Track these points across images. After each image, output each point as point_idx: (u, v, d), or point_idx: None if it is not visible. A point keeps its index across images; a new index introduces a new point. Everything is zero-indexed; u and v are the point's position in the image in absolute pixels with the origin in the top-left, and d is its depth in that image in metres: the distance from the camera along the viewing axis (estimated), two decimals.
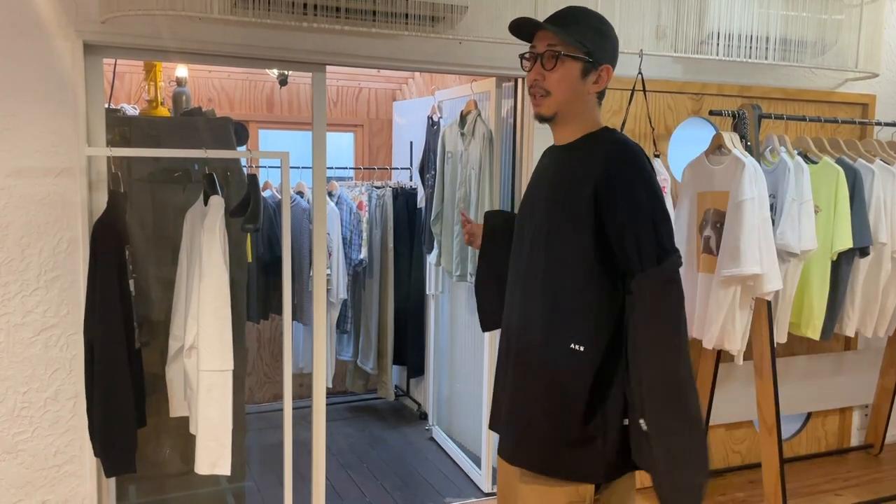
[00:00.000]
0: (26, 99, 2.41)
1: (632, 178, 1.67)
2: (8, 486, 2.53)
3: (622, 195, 1.66)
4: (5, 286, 2.45)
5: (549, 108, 1.75)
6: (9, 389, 2.49)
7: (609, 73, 1.75)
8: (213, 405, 2.35)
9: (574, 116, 1.76)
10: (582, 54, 1.70)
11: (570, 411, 1.71)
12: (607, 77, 1.75)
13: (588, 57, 1.71)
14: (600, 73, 1.74)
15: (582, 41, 1.70)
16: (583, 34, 1.71)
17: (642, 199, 1.66)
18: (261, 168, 4.43)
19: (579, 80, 1.72)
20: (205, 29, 2.57)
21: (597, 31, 1.74)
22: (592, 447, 1.71)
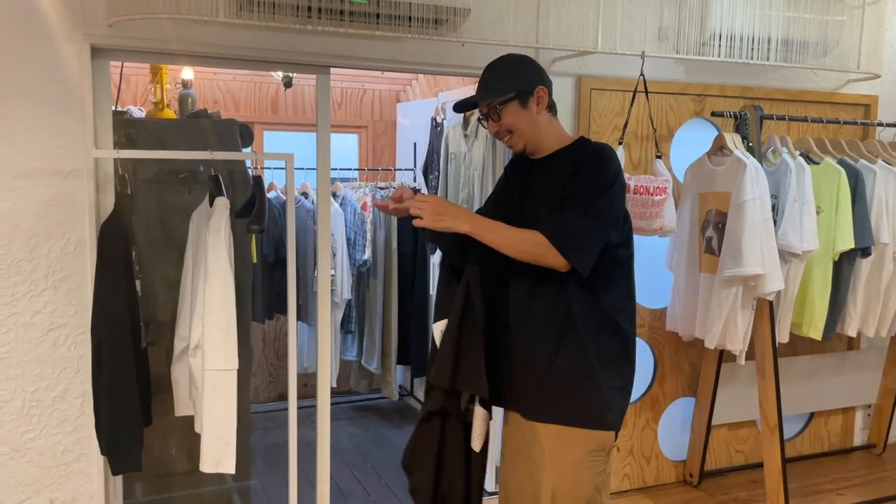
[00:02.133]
0: (34, 101, 2.44)
1: (594, 169, 1.93)
2: (16, 484, 2.56)
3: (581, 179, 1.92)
4: (14, 286, 2.48)
5: (519, 142, 2.04)
6: (17, 388, 2.52)
7: (544, 90, 2.02)
8: (218, 404, 2.37)
9: (540, 137, 2.04)
10: (511, 95, 1.99)
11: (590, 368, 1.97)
12: (545, 94, 2.02)
13: (517, 93, 1.99)
14: (538, 96, 2.01)
15: (504, 88, 2.00)
16: (502, 83, 2.01)
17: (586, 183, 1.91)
18: (266, 169, 4.46)
19: (524, 112, 2.01)
20: (210, 32, 2.60)
21: (513, 72, 2.04)
22: (612, 399, 1.99)
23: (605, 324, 1.98)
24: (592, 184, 1.90)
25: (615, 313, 1.99)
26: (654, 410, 3.54)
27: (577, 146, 2.04)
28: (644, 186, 2.93)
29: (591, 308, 1.96)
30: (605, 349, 1.97)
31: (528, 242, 1.88)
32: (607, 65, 3.22)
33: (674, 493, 3.52)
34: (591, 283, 1.94)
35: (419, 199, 1.89)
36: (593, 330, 1.96)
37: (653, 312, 3.47)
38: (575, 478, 1.96)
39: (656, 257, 3.41)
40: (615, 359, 2.00)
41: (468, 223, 1.88)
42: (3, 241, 2.45)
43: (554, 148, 2.04)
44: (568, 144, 2.05)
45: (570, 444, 1.96)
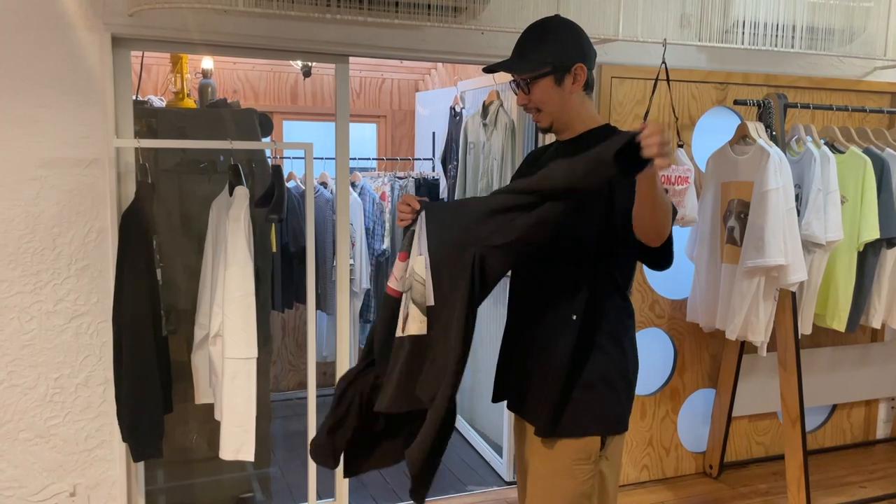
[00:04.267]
0: (56, 91, 2.46)
1: None
2: (40, 470, 2.59)
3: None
4: (37, 274, 2.51)
5: (546, 119, 1.90)
6: (41, 375, 2.56)
7: (583, 69, 1.86)
8: (237, 392, 2.39)
9: (570, 118, 1.90)
10: (547, 69, 1.84)
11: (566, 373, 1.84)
12: (583, 73, 1.86)
13: (553, 69, 1.84)
14: (575, 73, 1.85)
15: (542, 60, 1.85)
16: (539, 53, 1.86)
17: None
18: (285, 159, 4.47)
19: (557, 89, 1.85)
20: (230, 21, 2.60)
21: (552, 42, 1.87)
22: (595, 404, 1.85)
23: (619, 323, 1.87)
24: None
25: (628, 313, 1.89)
26: (674, 401, 3.51)
27: (602, 132, 1.86)
28: (665, 176, 2.90)
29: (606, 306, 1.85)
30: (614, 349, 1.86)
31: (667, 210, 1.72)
32: (628, 53, 3.18)
33: (693, 484, 3.50)
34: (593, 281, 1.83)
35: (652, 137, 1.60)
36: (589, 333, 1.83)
37: (673, 303, 3.45)
38: (557, 485, 1.87)
39: (677, 247, 3.36)
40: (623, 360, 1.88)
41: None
42: (27, 230, 2.48)
43: (580, 130, 1.90)
44: (593, 128, 1.90)
45: (552, 452, 1.86)
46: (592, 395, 1.84)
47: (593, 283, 1.83)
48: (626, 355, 1.88)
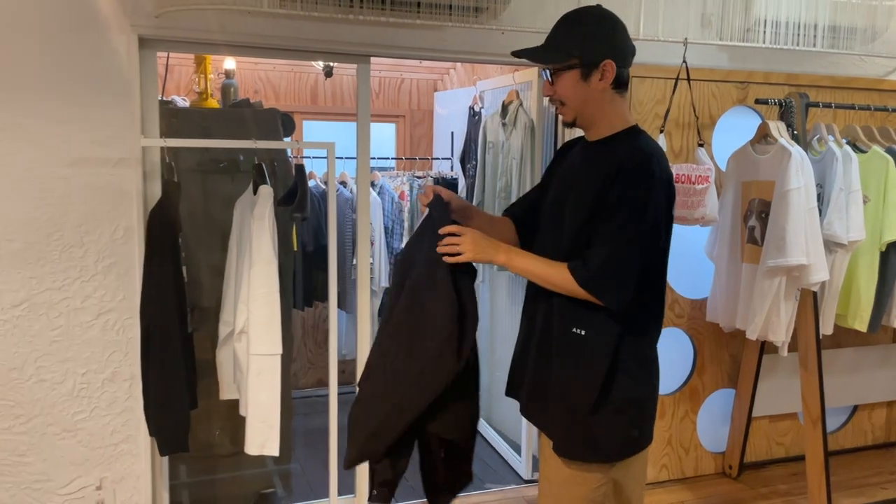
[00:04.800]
0: (85, 92, 2.51)
1: (634, 191, 1.71)
2: (68, 464, 2.64)
3: (618, 200, 1.71)
4: (65, 271, 2.55)
5: (569, 114, 1.84)
6: (69, 371, 2.60)
7: (611, 66, 1.76)
8: (262, 388, 2.42)
9: (595, 116, 1.82)
10: (573, 62, 1.77)
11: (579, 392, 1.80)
12: (612, 70, 1.76)
13: (580, 62, 1.76)
14: (603, 70, 1.76)
15: (569, 52, 1.77)
16: (567, 44, 1.78)
17: (625, 218, 1.71)
18: (305, 158, 4.51)
19: (582, 84, 1.78)
20: (254, 22, 2.64)
21: (585, 34, 1.78)
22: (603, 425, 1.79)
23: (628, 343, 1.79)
24: (629, 205, 1.70)
25: (638, 337, 1.81)
26: (693, 401, 3.51)
27: (626, 138, 1.80)
28: (686, 175, 2.90)
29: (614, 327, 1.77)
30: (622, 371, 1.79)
31: (557, 279, 1.76)
32: (649, 52, 3.18)
33: (713, 484, 3.50)
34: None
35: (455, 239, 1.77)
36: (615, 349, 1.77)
37: (693, 303, 3.44)
38: (567, 490, 1.85)
39: (697, 247, 3.37)
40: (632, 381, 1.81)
41: (504, 255, 1.81)
42: (56, 228, 2.53)
43: (607, 133, 1.82)
44: (620, 131, 1.81)
45: (564, 460, 1.85)
46: (603, 419, 1.79)
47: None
48: (638, 375, 1.81)
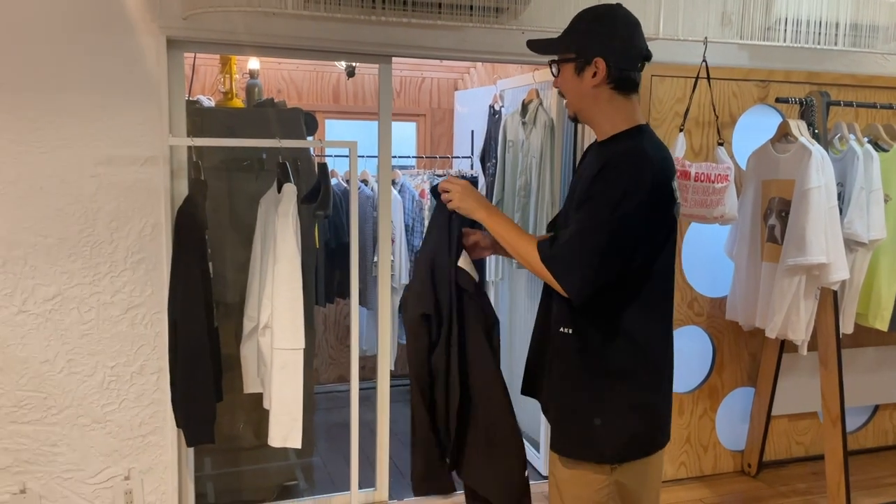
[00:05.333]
0: (115, 92, 2.57)
1: (610, 176, 1.68)
2: (97, 454, 2.71)
3: (596, 185, 1.69)
4: (96, 267, 2.63)
5: (570, 108, 1.86)
6: (98, 364, 2.68)
7: (602, 64, 1.73)
8: (286, 382, 2.48)
9: (593, 113, 1.81)
10: (570, 56, 1.78)
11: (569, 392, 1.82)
12: (602, 69, 1.73)
13: (575, 57, 1.77)
14: (595, 68, 1.74)
15: (567, 46, 1.80)
16: (569, 38, 1.81)
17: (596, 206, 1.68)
18: (326, 157, 4.56)
19: (576, 79, 1.78)
20: (278, 24, 2.69)
21: (584, 30, 1.79)
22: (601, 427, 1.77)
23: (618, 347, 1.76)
24: (605, 194, 1.66)
25: (637, 340, 1.76)
26: (713, 399, 3.52)
27: (626, 137, 1.76)
28: (705, 174, 2.91)
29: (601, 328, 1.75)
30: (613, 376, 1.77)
31: (522, 253, 1.76)
32: (669, 51, 3.20)
33: (731, 482, 3.51)
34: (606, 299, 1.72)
35: (450, 182, 1.86)
36: (601, 353, 1.76)
37: (712, 301, 3.45)
38: (571, 490, 1.84)
39: (717, 245, 3.38)
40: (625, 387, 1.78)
41: (485, 212, 1.82)
42: (87, 224, 2.60)
43: (610, 132, 1.78)
44: (623, 131, 1.77)
45: (569, 459, 1.84)
46: (600, 420, 1.77)
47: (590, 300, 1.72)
48: (638, 379, 1.78)
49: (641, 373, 1.79)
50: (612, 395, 1.78)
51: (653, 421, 1.83)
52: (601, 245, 1.65)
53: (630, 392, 1.78)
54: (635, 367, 1.78)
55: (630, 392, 1.78)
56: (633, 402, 1.79)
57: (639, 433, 1.80)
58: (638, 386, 1.79)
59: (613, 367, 1.76)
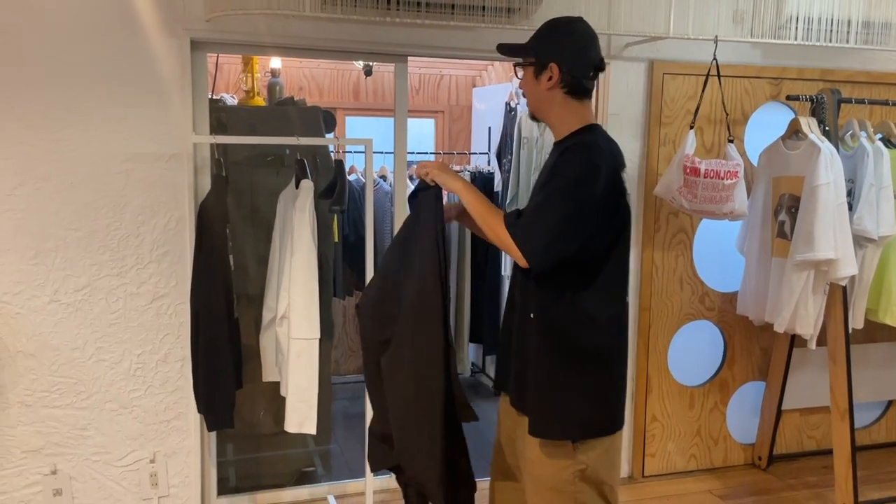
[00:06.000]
0: (141, 91, 2.69)
1: (568, 163, 1.83)
2: (124, 438, 2.84)
3: (553, 173, 1.84)
4: (123, 259, 2.75)
5: (529, 108, 2.02)
6: (126, 351, 2.80)
7: (556, 70, 1.88)
8: (301, 370, 2.57)
9: (548, 114, 1.96)
10: (529, 59, 1.94)
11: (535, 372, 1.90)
12: (556, 74, 1.88)
13: (534, 61, 1.92)
14: (551, 72, 1.89)
15: (527, 49, 1.95)
16: (530, 45, 1.96)
17: (555, 187, 1.80)
18: (346, 153, 4.66)
19: (534, 82, 1.94)
20: (298, 25, 2.79)
21: (545, 36, 1.95)
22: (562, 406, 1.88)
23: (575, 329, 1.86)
24: (563, 178, 1.80)
25: (590, 320, 1.87)
26: (723, 393, 3.56)
27: (578, 134, 1.91)
28: (714, 170, 2.96)
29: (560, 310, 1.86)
30: (572, 356, 1.87)
31: (489, 221, 1.85)
32: (681, 49, 3.24)
33: (741, 474, 3.55)
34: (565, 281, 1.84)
35: (423, 166, 1.99)
36: (560, 334, 1.86)
37: (723, 296, 3.49)
38: (540, 472, 1.93)
39: (727, 241, 3.42)
40: (583, 367, 1.88)
41: (461, 183, 1.93)
42: (115, 219, 2.72)
43: (565, 132, 1.92)
44: (576, 130, 1.91)
45: (530, 440, 1.93)
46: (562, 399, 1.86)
47: (550, 281, 1.84)
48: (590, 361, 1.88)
49: (605, 354, 1.89)
50: (580, 376, 1.88)
51: (617, 400, 1.94)
52: (559, 219, 1.77)
53: (596, 373, 1.89)
54: (599, 349, 1.88)
55: (596, 373, 1.89)
56: (598, 382, 1.90)
57: (603, 412, 1.91)
58: (602, 367, 1.89)
59: (580, 348, 1.87)
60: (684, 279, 3.42)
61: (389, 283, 2.00)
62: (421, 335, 1.91)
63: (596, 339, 1.88)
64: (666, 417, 3.48)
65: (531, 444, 1.94)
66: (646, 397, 3.42)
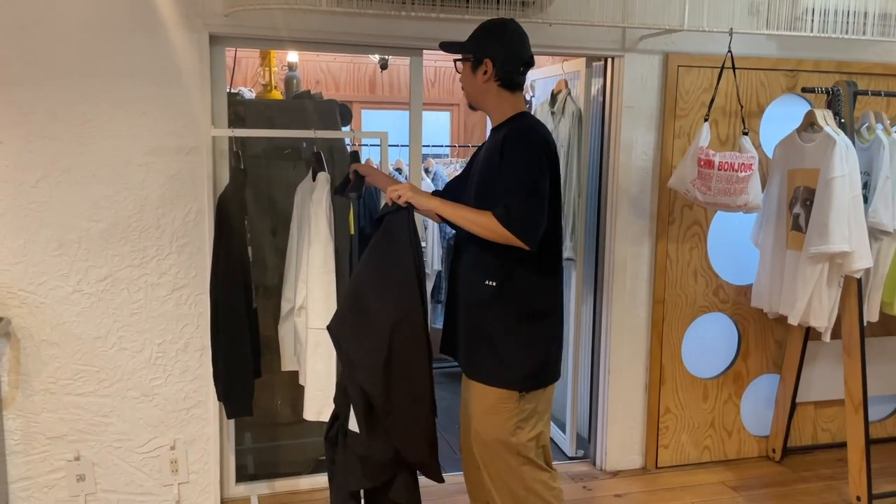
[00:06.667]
0: (162, 86, 2.73)
1: (517, 150, 2.10)
2: (145, 425, 2.90)
3: (506, 160, 2.10)
4: (144, 250, 2.80)
5: (467, 98, 2.31)
6: (147, 341, 2.86)
7: (489, 65, 2.16)
8: (319, 359, 2.62)
9: (487, 105, 2.25)
10: (467, 56, 2.22)
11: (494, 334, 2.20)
12: (491, 69, 2.17)
13: (471, 57, 2.20)
14: (486, 66, 2.17)
15: (464, 46, 2.23)
16: (469, 41, 2.23)
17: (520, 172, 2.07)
18: (363, 146, 4.70)
19: (472, 76, 2.23)
20: (314, 19, 2.82)
21: (479, 36, 2.22)
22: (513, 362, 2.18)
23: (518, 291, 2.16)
24: (524, 163, 2.07)
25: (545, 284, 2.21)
26: (737, 385, 3.57)
27: (511, 121, 2.19)
28: (729, 163, 2.96)
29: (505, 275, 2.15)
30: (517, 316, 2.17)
31: (482, 224, 2.07)
32: (696, 41, 3.24)
33: (755, 466, 3.56)
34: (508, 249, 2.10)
35: (394, 189, 2.15)
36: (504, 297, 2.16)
37: (738, 289, 3.50)
38: (487, 421, 2.21)
39: (742, 234, 3.42)
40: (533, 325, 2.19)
41: (437, 202, 2.16)
42: (136, 211, 2.77)
43: (499, 121, 2.23)
44: (509, 118, 2.20)
45: (481, 394, 2.23)
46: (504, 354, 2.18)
47: (506, 251, 2.10)
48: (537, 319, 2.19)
49: (552, 313, 2.23)
50: (530, 332, 2.19)
51: (558, 353, 2.28)
52: (537, 201, 2.06)
53: (547, 329, 2.23)
54: (549, 309, 2.22)
55: (547, 329, 2.23)
56: (548, 337, 2.23)
57: (549, 363, 2.25)
58: (551, 324, 2.24)
59: (532, 308, 2.18)
60: (699, 271, 3.43)
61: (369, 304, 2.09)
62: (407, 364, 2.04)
63: (553, 299, 2.23)
64: (679, 409, 3.49)
65: (478, 398, 2.22)
66: (659, 389, 3.44)
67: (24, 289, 2.70)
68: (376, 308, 2.05)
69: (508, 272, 2.15)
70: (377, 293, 2.07)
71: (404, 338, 2.02)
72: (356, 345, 2.06)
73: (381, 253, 2.12)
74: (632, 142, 3.27)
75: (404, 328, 2.02)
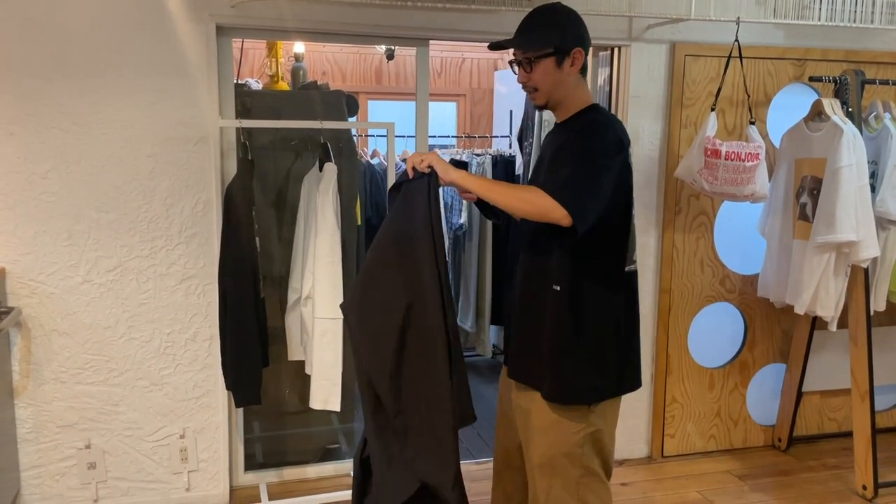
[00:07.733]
0: (169, 77, 2.75)
1: (594, 138, 1.92)
2: (155, 414, 2.93)
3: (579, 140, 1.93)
4: (153, 241, 2.82)
5: (541, 99, 2.04)
6: (156, 331, 2.88)
7: (581, 53, 1.98)
8: (326, 348, 2.64)
9: (562, 99, 2.03)
10: (549, 51, 1.96)
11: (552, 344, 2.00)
12: (581, 57, 1.99)
13: (555, 51, 1.96)
14: (574, 57, 1.98)
15: (544, 41, 1.97)
16: (544, 35, 1.98)
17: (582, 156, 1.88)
18: (369, 136, 4.70)
19: (556, 71, 1.98)
20: (321, 10, 2.83)
21: (555, 25, 1.99)
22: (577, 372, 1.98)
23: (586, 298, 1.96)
24: (584, 151, 1.89)
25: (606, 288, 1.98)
26: (743, 375, 3.58)
27: (586, 113, 2.01)
28: (735, 152, 2.95)
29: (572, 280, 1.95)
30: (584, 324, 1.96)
31: (519, 196, 1.85)
32: (703, 30, 3.23)
33: (760, 455, 3.57)
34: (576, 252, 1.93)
35: (417, 154, 1.96)
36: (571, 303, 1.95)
37: (744, 278, 3.50)
38: (549, 438, 2.02)
39: (748, 223, 3.42)
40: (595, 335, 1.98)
41: (461, 173, 1.91)
42: (144, 201, 2.79)
43: (573, 111, 2.02)
44: (582, 110, 2.02)
45: (542, 408, 2.02)
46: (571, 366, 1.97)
47: (573, 254, 1.94)
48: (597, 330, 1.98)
49: (618, 320, 2.01)
50: (594, 342, 1.99)
51: (612, 369, 2.03)
52: (595, 181, 1.85)
53: (609, 339, 2.01)
54: (613, 316, 2.00)
55: (609, 339, 2.01)
56: (622, 349, 2.03)
57: (624, 373, 2.04)
58: (615, 333, 2.01)
59: (597, 315, 1.98)
60: (705, 261, 3.43)
61: (381, 281, 1.90)
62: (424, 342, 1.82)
63: (611, 305, 2.00)
64: (686, 398, 3.50)
65: (542, 411, 2.01)
66: (665, 378, 3.45)
67: (34, 279, 2.73)
68: (388, 286, 1.85)
69: (576, 275, 1.95)
70: (392, 271, 1.86)
71: (418, 323, 1.80)
72: (364, 326, 1.91)
73: (396, 226, 1.91)
74: (638, 131, 3.27)
75: (416, 310, 1.80)
